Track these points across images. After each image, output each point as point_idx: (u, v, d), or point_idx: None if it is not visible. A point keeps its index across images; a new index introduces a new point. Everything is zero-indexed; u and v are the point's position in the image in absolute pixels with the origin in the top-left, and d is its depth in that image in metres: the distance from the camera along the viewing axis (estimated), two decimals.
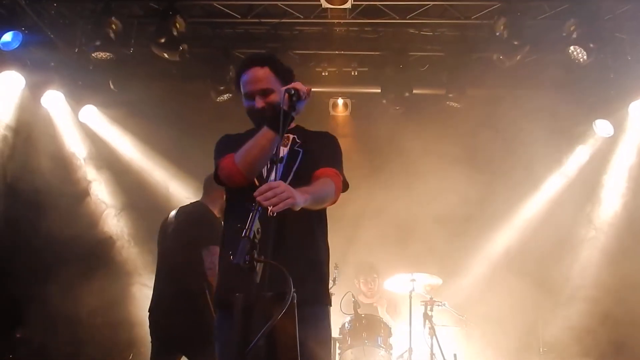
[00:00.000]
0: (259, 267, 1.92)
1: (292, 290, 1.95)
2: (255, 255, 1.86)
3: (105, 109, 6.43)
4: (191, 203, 4.17)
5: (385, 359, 4.56)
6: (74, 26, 5.87)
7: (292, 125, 2.71)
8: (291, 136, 2.66)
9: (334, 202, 2.54)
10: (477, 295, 5.93)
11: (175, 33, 5.43)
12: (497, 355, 5.57)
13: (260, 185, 2.14)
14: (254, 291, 1.93)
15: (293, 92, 2.46)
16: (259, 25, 6.10)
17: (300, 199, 2.18)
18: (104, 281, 5.73)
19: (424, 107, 6.23)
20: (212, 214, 3.91)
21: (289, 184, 2.41)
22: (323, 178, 2.47)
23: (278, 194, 2.03)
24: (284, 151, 2.60)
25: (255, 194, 2.03)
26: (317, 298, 2.48)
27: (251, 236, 1.87)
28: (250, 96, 2.64)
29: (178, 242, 3.85)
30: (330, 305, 2.59)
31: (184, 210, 4.08)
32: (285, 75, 2.68)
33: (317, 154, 2.57)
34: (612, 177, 6.11)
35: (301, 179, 2.45)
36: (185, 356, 3.74)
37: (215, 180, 2.63)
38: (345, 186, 2.61)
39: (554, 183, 6.38)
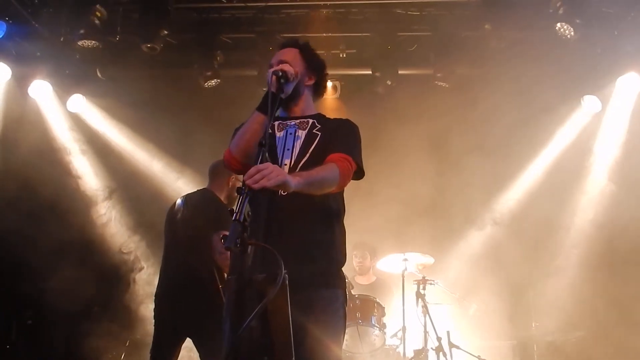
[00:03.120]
0: (250, 249, 1.96)
1: (284, 271, 1.98)
2: (246, 238, 1.89)
3: (93, 98, 6.40)
4: (198, 190, 4.18)
5: (379, 338, 4.64)
6: (59, 15, 5.80)
7: (314, 111, 2.75)
8: (310, 120, 2.67)
9: (341, 187, 2.52)
10: (469, 273, 6.01)
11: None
12: (490, 332, 5.66)
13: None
14: (246, 273, 1.95)
15: (280, 74, 2.48)
16: (245, 9, 6.05)
17: (292, 181, 2.19)
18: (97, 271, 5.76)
19: (411, 88, 6.23)
20: (219, 200, 3.94)
21: (304, 165, 2.49)
22: (328, 163, 2.46)
23: (266, 174, 2.04)
24: (302, 134, 2.61)
25: (244, 177, 2.06)
26: (325, 280, 2.48)
27: (241, 219, 1.90)
28: (270, 67, 2.64)
29: (187, 229, 3.86)
30: (343, 289, 2.56)
31: (191, 198, 4.09)
32: (313, 62, 2.75)
33: (333, 139, 2.57)
34: (600, 152, 6.17)
35: (317, 162, 2.46)
36: (194, 341, 3.78)
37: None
38: (359, 173, 2.60)
39: (544, 159, 6.43)
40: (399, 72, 6.14)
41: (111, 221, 6.38)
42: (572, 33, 5.47)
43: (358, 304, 4.64)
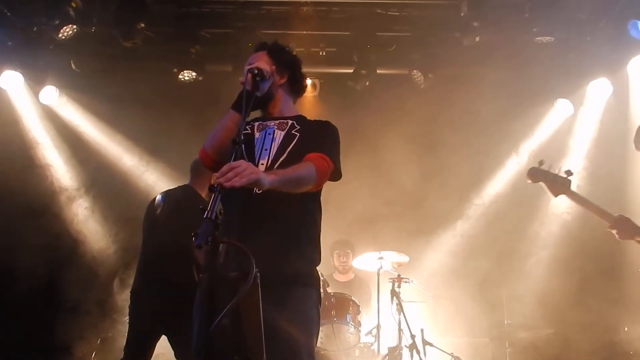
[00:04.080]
0: (222, 247, 1.95)
1: (256, 270, 1.98)
2: (218, 236, 1.88)
3: (66, 90, 6.27)
4: (179, 187, 4.14)
5: (354, 336, 4.66)
6: (33, 4, 5.67)
7: (295, 113, 2.75)
8: (290, 121, 2.66)
9: (318, 186, 2.51)
10: (443, 271, 6.09)
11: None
12: (464, 329, 5.74)
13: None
14: (218, 272, 1.94)
15: (256, 71, 2.47)
16: (225, 4, 6.01)
17: (267, 179, 2.18)
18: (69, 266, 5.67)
19: (391, 87, 6.27)
20: (201, 198, 3.91)
21: (280, 165, 2.49)
22: (305, 161, 2.45)
23: (239, 172, 2.03)
24: (280, 135, 2.61)
25: (216, 175, 2.04)
26: (299, 279, 2.48)
27: (213, 217, 1.89)
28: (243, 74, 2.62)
29: (167, 225, 3.83)
30: (316, 288, 2.56)
31: (172, 195, 4.05)
32: (283, 60, 2.73)
33: (311, 139, 2.57)
34: (572, 154, 6.30)
35: (294, 162, 2.45)
36: (169, 338, 3.75)
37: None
38: (336, 174, 2.60)
39: (517, 160, 6.53)
40: (378, 71, 6.18)
41: (84, 215, 6.27)
42: (549, 38, 5.64)
43: (333, 302, 4.66)
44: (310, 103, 6.56)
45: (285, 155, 2.55)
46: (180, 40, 6.04)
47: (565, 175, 3.58)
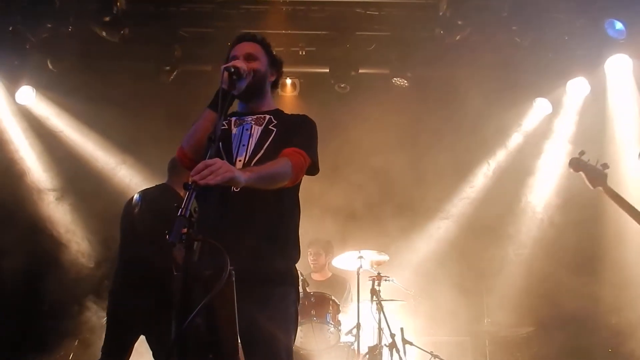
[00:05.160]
0: (197, 246, 1.93)
1: (230, 267, 1.97)
2: (192, 234, 1.87)
3: (44, 90, 6.16)
4: (157, 186, 4.08)
5: (334, 335, 4.65)
6: (8, 3, 5.58)
7: (272, 107, 2.72)
8: (267, 116, 2.65)
9: (294, 181, 2.48)
10: (423, 270, 6.11)
11: (115, 12, 5.26)
12: (443, 328, 5.76)
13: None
14: (192, 270, 1.92)
15: (233, 70, 2.45)
16: (205, 3, 5.97)
17: (242, 176, 2.16)
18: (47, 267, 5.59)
19: (370, 87, 6.28)
20: (179, 197, 3.86)
21: (258, 161, 2.48)
22: (281, 157, 2.44)
23: (214, 170, 2.01)
24: (257, 130, 2.59)
25: (191, 173, 2.02)
26: (277, 278, 2.47)
27: (187, 215, 1.87)
28: (234, 59, 2.60)
29: (145, 225, 3.78)
30: (295, 286, 2.55)
31: (150, 194, 3.99)
32: (275, 58, 2.74)
33: (288, 134, 2.56)
34: (550, 152, 6.38)
35: (272, 158, 2.44)
36: (148, 339, 3.70)
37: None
38: (314, 169, 2.59)
39: (496, 160, 6.60)
40: (359, 71, 6.19)
41: (62, 215, 6.17)
42: (527, 37, 5.70)
43: (313, 302, 4.63)
44: (291, 103, 6.55)
45: (262, 151, 2.53)
46: (159, 40, 5.99)
47: (602, 168, 3.63)
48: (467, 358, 5.61)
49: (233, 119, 2.69)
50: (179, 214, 1.85)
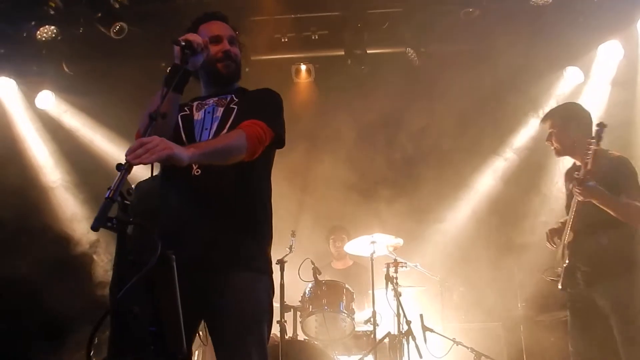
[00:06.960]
0: (130, 230, 1.82)
1: (170, 252, 1.86)
2: (123, 217, 1.76)
3: (62, 94, 6.25)
4: (150, 177, 4.05)
5: (348, 324, 4.49)
6: (19, 8, 5.68)
7: (235, 87, 2.61)
8: (229, 96, 2.54)
9: (252, 153, 2.27)
10: (446, 256, 5.83)
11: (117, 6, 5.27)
12: (475, 312, 5.49)
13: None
14: (128, 257, 1.80)
15: (184, 43, 2.30)
16: None
17: (184, 153, 2.02)
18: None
19: (386, 67, 6.03)
20: None
21: None
22: (234, 130, 2.30)
23: (150, 148, 1.88)
24: (219, 111, 2.48)
25: (125, 152, 1.91)
26: (243, 263, 2.33)
27: (116, 197, 1.76)
28: (218, 39, 2.51)
29: (137, 218, 3.74)
30: (267, 274, 2.41)
31: (143, 186, 3.96)
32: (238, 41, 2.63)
33: (249, 109, 2.43)
34: None
35: None
36: None
37: None
38: (278, 140, 2.44)
39: (525, 135, 6.20)
40: (371, 50, 5.95)
41: (84, 218, 6.24)
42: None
43: (325, 290, 4.47)
44: (305, 89, 6.39)
45: (225, 131, 2.40)
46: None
47: None
48: (500, 344, 5.32)
49: (194, 103, 2.57)
50: (105, 196, 1.74)
